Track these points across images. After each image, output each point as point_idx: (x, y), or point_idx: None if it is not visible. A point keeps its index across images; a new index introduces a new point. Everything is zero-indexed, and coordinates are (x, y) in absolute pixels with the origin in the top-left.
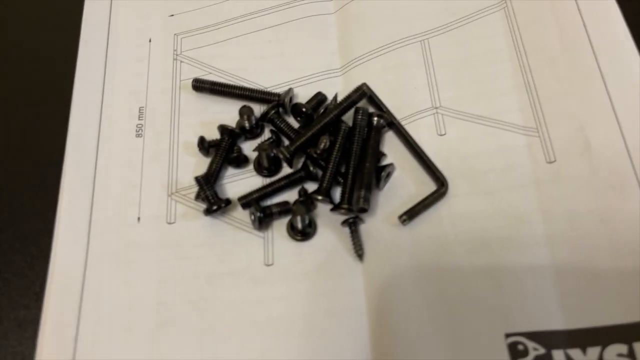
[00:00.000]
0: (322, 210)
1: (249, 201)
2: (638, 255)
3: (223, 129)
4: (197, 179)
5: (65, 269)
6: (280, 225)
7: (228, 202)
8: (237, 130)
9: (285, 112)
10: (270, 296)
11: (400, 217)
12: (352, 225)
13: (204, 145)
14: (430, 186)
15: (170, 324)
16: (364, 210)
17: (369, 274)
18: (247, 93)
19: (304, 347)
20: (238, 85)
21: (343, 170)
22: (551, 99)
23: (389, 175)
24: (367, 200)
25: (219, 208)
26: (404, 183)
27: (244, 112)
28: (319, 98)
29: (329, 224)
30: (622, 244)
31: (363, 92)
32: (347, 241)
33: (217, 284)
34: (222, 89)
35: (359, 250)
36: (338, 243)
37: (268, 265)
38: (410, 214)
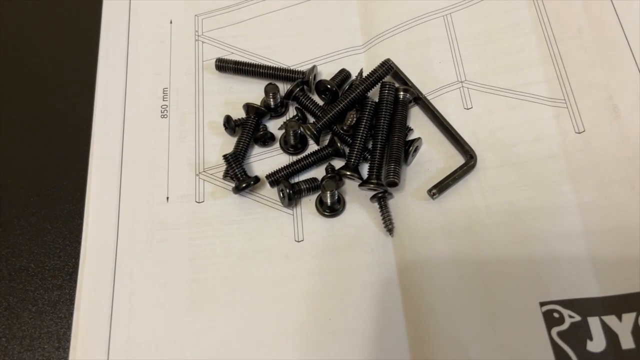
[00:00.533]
0: (350, 187)
1: (277, 178)
2: None
3: (249, 107)
4: (225, 157)
5: (97, 249)
6: (308, 202)
7: (257, 179)
8: (262, 109)
9: (310, 90)
10: (301, 272)
11: (429, 191)
12: (382, 200)
13: (230, 125)
14: (458, 160)
15: (203, 301)
16: (394, 184)
17: (400, 247)
18: (270, 71)
19: (337, 320)
20: (261, 64)
21: (370, 146)
22: (578, 69)
23: (416, 149)
24: (397, 174)
25: (248, 185)
26: (432, 157)
27: (270, 90)
28: (344, 74)
29: (357, 199)
30: None
31: (389, 67)
32: (376, 216)
33: (249, 261)
34: (246, 68)
35: (389, 224)
36: (367, 218)
37: (298, 241)
38: (440, 188)
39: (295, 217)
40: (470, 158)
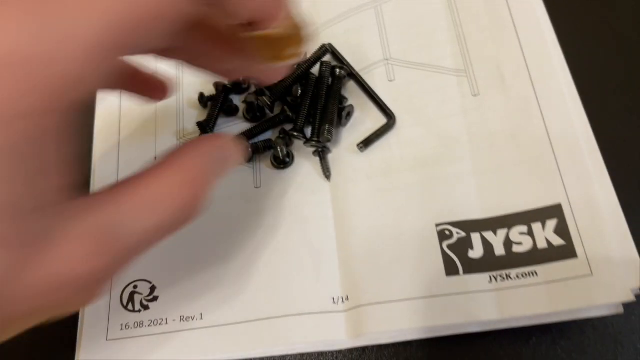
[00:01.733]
0: (298, 145)
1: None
2: (538, 161)
3: (217, 85)
4: (199, 124)
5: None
6: (265, 158)
7: None
8: (228, 86)
9: None
10: (259, 210)
11: (358, 145)
12: (321, 153)
13: (203, 100)
14: (383, 121)
15: (186, 236)
16: (328, 141)
17: (335, 189)
18: None
19: (285, 243)
20: None
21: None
22: (476, 46)
23: (349, 114)
24: (330, 132)
25: None
26: (363, 120)
27: None
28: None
29: (303, 155)
30: (526, 152)
31: (326, 49)
32: (317, 167)
33: (216, 202)
34: None
35: (326, 172)
36: (311, 168)
37: (257, 187)
38: (366, 142)
39: (255, 169)
40: (390, 119)
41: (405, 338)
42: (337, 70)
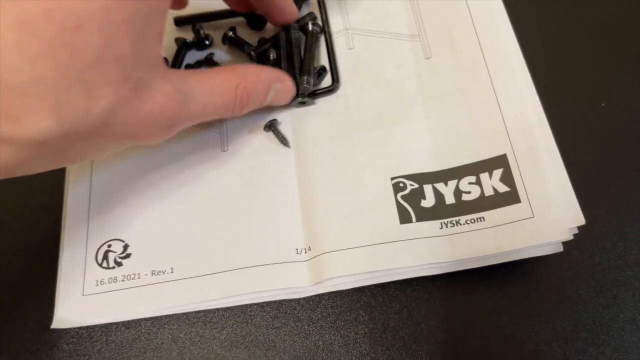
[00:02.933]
0: None
1: None
2: (486, 116)
3: (177, 40)
4: None
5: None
6: (232, 123)
7: None
8: (189, 41)
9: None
10: (227, 172)
11: (297, 101)
12: (272, 127)
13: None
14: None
15: (159, 197)
16: (307, 91)
17: (298, 150)
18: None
19: (252, 202)
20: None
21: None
22: (429, 12)
23: (321, 74)
24: (309, 82)
25: None
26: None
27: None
28: None
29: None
30: (475, 108)
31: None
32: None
33: (187, 164)
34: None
35: (283, 141)
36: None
37: (224, 151)
38: (302, 102)
39: (222, 133)
40: (333, 82)
41: (363, 284)
42: (310, 25)
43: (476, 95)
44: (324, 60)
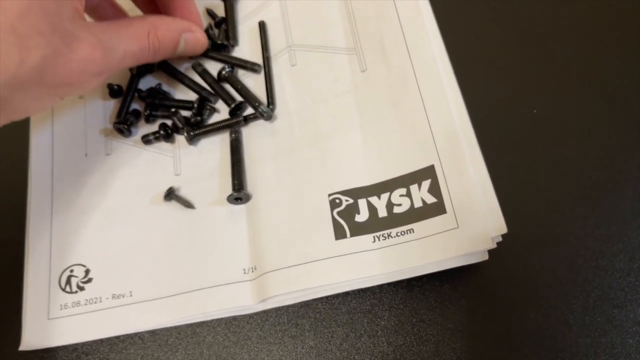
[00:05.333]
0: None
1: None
2: (415, 127)
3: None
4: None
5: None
6: (184, 148)
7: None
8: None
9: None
10: (182, 192)
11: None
12: (171, 195)
13: (113, 90)
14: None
15: (116, 222)
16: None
17: (248, 167)
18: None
19: (203, 226)
20: None
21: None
22: (363, 23)
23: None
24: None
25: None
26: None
27: None
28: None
29: (214, 143)
30: (405, 120)
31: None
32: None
33: (141, 191)
34: None
35: (187, 204)
36: (226, 155)
37: (177, 175)
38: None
39: (175, 158)
40: (269, 105)
41: (304, 299)
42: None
43: (406, 106)
44: (261, 87)
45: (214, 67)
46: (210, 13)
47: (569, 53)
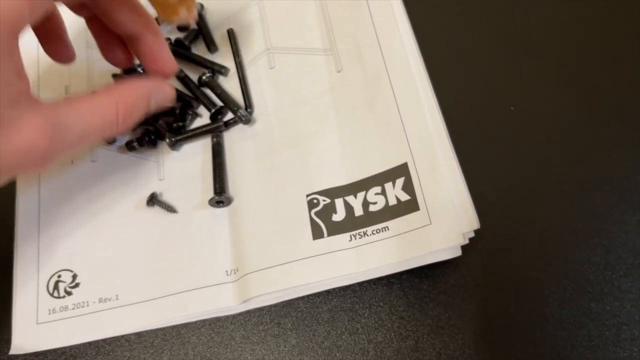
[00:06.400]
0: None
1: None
2: (389, 125)
3: (115, 76)
4: None
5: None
6: (167, 153)
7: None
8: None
9: None
10: (164, 198)
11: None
12: (153, 200)
13: None
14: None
15: (101, 227)
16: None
17: (230, 170)
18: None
19: (186, 230)
20: None
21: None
22: (339, 25)
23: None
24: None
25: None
26: None
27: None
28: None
29: (200, 149)
30: (380, 119)
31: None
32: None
33: (126, 196)
34: None
35: (169, 209)
36: (208, 159)
37: (161, 179)
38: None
39: (158, 163)
40: (246, 108)
41: (285, 298)
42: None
43: (381, 105)
44: (237, 91)
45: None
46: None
47: (545, 49)
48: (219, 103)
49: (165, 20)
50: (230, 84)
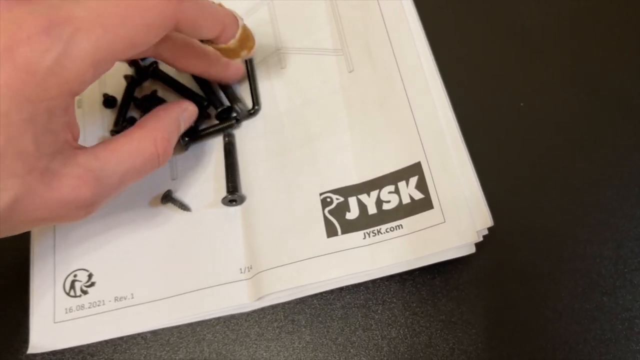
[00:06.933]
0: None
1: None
2: (401, 125)
3: (126, 77)
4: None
5: None
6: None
7: None
8: (134, 76)
9: None
10: (179, 195)
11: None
12: (168, 198)
13: (109, 100)
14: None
15: (117, 227)
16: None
17: (242, 169)
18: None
19: (200, 228)
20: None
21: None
22: (349, 25)
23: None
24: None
25: None
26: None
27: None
28: None
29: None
30: (392, 118)
31: None
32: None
33: (139, 195)
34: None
35: (183, 207)
36: (220, 158)
37: (174, 179)
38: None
39: (171, 163)
40: (254, 106)
41: (299, 295)
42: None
43: (392, 104)
44: (245, 86)
45: None
46: None
47: (554, 46)
48: (227, 103)
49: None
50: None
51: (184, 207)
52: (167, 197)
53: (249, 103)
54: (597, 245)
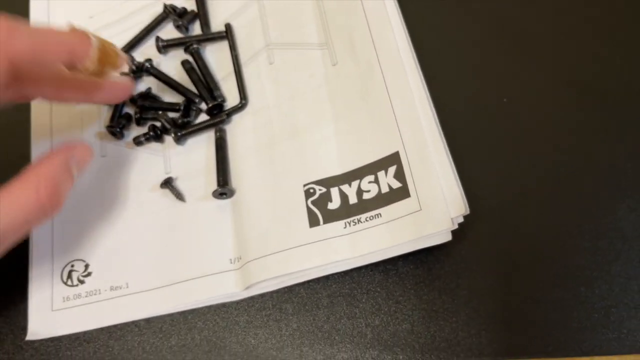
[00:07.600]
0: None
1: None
2: (382, 116)
3: None
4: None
5: None
6: (173, 147)
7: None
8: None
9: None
10: (168, 193)
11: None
12: (167, 184)
13: None
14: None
15: (113, 219)
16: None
17: (233, 162)
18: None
19: (192, 220)
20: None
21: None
22: (333, 19)
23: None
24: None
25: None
26: None
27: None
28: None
29: (204, 143)
30: (373, 110)
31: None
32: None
33: (135, 189)
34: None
35: (179, 197)
36: (212, 152)
37: (168, 173)
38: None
39: (165, 158)
40: (241, 100)
41: (286, 284)
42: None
43: (373, 96)
44: (232, 80)
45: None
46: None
47: (538, 41)
48: (220, 99)
49: (99, 77)
50: (229, 77)
51: (180, 196)
52: (167, 184)
53: (237, 99)
54: (575, 237)
